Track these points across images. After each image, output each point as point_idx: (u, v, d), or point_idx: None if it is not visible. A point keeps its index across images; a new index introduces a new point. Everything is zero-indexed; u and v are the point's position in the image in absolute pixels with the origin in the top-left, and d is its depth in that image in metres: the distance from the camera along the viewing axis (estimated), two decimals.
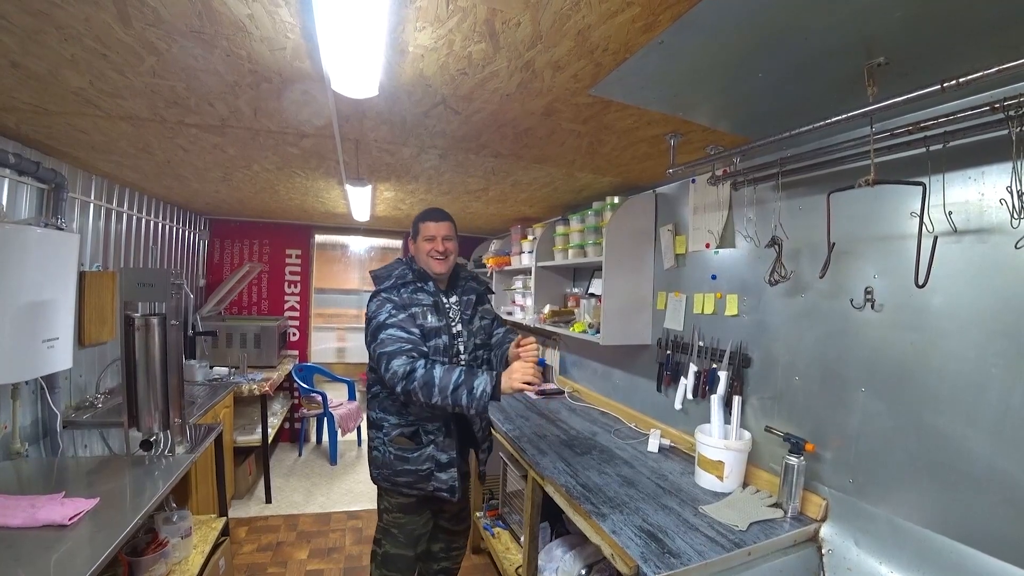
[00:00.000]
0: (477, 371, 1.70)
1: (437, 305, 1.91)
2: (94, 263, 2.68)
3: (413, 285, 1.91)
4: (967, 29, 1.03)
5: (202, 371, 3.50)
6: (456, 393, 1.65)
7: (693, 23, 1.06)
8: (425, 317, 1.86)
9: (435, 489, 1.86)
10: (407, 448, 1.85)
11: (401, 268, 1.93)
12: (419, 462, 1.85)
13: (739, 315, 2.04)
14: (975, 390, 1.28)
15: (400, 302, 1.85)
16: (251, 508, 3.58)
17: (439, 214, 1.97)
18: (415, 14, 1.07)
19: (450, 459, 1.86)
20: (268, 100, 1.59)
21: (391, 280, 1.89)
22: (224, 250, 4.71)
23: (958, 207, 1.32)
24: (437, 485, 1.86)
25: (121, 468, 1.92)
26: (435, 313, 1.89)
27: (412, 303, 1.86)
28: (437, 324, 1.87)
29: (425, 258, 1.93)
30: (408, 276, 1.91)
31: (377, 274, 1.94)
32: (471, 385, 1.65)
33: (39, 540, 1.40)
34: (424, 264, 1.95)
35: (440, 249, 1.92)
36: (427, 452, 1.85)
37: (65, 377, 2.36)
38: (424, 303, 1.89)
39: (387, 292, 1.87)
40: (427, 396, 1.66)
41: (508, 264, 3.95)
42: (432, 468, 1.85)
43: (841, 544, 1.58)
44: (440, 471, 1.85)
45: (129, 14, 1.10)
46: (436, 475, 1.85)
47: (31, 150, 2.15)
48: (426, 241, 1.93)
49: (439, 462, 1.85)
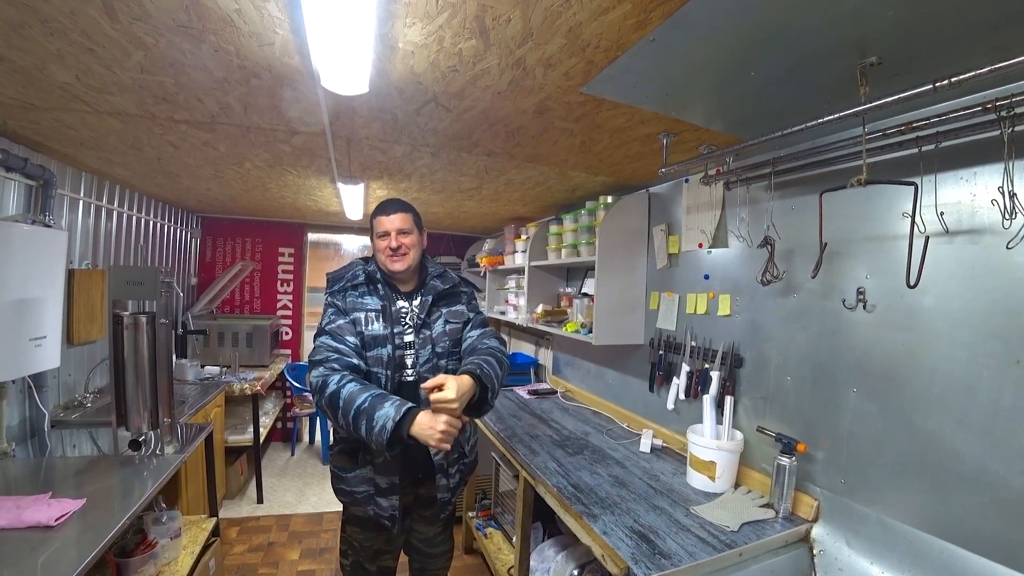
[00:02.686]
0: (389, 399, 1.46)
1: (385, 311, 1.71)
2: (83, 261, 2.65)
3: (364, 287, 1.76)
4: (960, 29, 1.02)
5: (193, 370, 3.48)
6: (356, 419, 1.45)
7: (685, 21, 1.05)
8: (369, 324, 1.69)
9: (376, 515, 1.68)
10: (343, 467, 1.72)
11: (355, 269, 1.79)
12: (355, 483, 1.69)
13: (731, 315, 2.04)
14: (966, 391, 1.28)
15: (343, 306, 1.71)
16: (242, 508, 3.56)
17: (393, 206, 1.75)
18: (404, 9, 1.06)
19: (391, 484, 1.66)
20: (258, 96, 1.57)
21: (341, 282, 1.76)
22: (216, 248, 4.67)
23: (950, 208, 1.32)
24: (378, 511, 1.67)
25: (109, 468, 1.90)
26: (381, 320, 1.70)
27: (356, 307, 1.71)
28: (381, 332, 1.68)
29: (381, 257, 1.75)
30: (360, 278, 1.75)
31: (330, 275, 1.81)
32: (372, 415, 1.43)
33: (24, 541, 1.38)
34: (381, 264, 1.76)
35: (394, 245, 1.71)
36: (362, 474, 1.68)
37: (53, 376, 2.34)
38: (370, 308, 1.71)
39: (333, 295, 1.75)
40: (334, 415, 1.51)
41: (501, 263, 3.94)
42: (371, 492, 1.67)
43: (832, 544, 1.58)
44: (380, 496, 1.66)
45: (115, 7, 1.08)
46: (376, 499, 1.67)
47: (19, 146, 2.12)
48: (379, 238, 1.74)
49: (378, 487, 1.66)
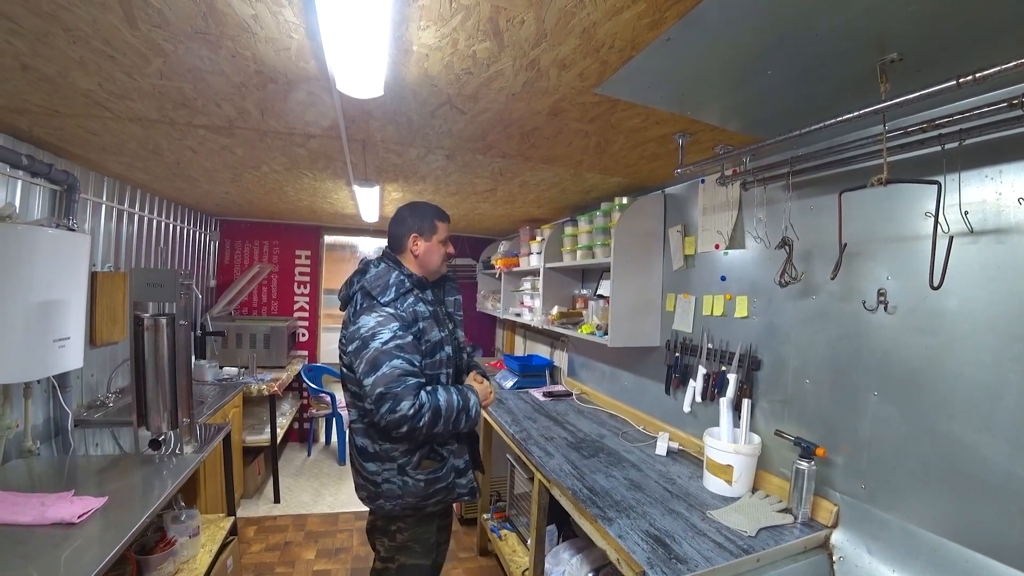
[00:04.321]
0: (464, 391, 1.71)
1: (436, 315, 1.75)
2: (106, 263, 2.71)
3: (413, 295, 1.71)
4: (982, 24, 1.00)
5: (212, 371, 3.53)
6: (458, 419, 1.65)
7: (700, 20, 1.04)
8: (431, 331, 1.70)
9: (458, 496, 1.80)
10: (435, 468, 1.73)
11: (396, 274, 1.70)
12: (447, 476, 1.75)
13: (749, 317, 2.02)
14: (991, 396, 1.25)
15: (408, 318, 1.65)
16: (259, 508, 3.61)
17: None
18: (418, 13, 1.07)
19: (466, 464, 1.82)
20: (275, 101, 1.59)
21: (391, 290, 1.66)
22: (234, 251, 4.74)
23: (974, 207, 1.28)
24: (460, 491, 1.80)
25: (130, 467, 1.94)
26: (436, 324, 1.74)
27: (417, 317, 1.68)
28: (439, 336, 1.73)
29: (437, 260, 1.80)
30: (406, 284, 1.71)
31: (373, 282, 1.68)
32: (468, 408, 1.67)
33: (48, 538, 1.41)
34: (429, 265, 1.79)
35: (452, 252, 1.87)
36: (449, 464, 1.76)
37: (77, 376, 2.39)
38: (427, 315, 1.71)
39: (391, 306, 1.64)
40: (433, 427, 1.60)
41: (516, 265, 3.94)
42: (453, 477, 1.78)
43: (853, 551, 1.54)
44: (460, 477, 1.79)
45: (135, 16, 1.11)
46: (457, 482, 1.78)
47: (44, 152, 2.18)
48: (441, 244, 1.81)
49: (458, 469, 1.79)
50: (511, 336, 5.04)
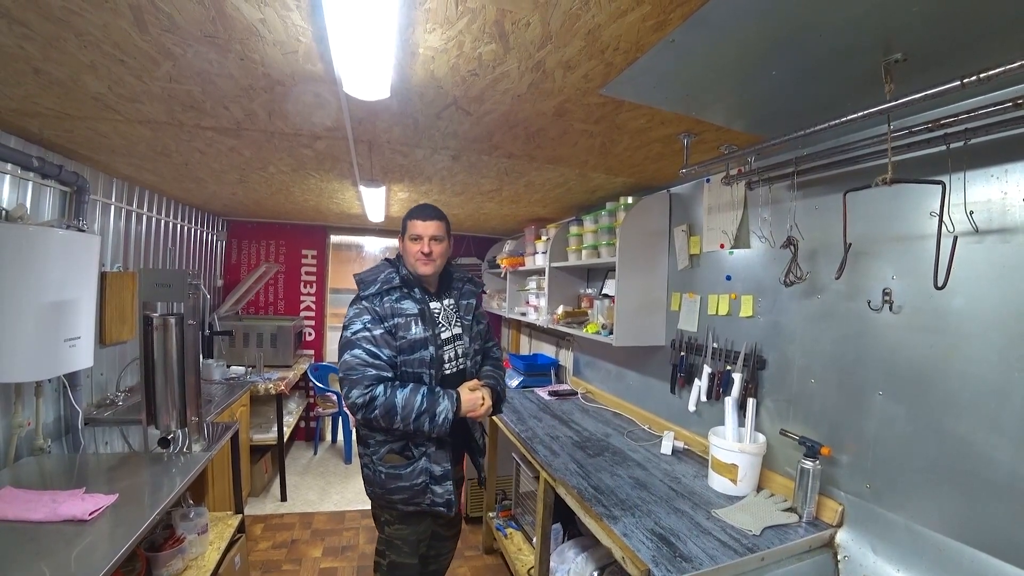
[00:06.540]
0: (439, 394, 1.68)
1: (423, 314, 1.77)
2: (115, 264, 2.74)
3: (399, 292, 1.78)
4: (988, 24, 1.00)
5: (219, 370, 3.56)
6: (418, 420, 1.63)
7: (704, 21, 1.05)
8: (409, 328, 1.73)
9: (431, 503, 1.75)
10: (398, 465, 1.74)
11: (388, 272, 1.79)
12: (412, 477, 1.73)
13: (754, 316, 2.02)
14: (998, 395, 1.25)
15: (381, 312, 1.72)
16: (266, 506, 3.63)
17: (428, 211, 1.81)
18: (424, 16, 1.08)
19: (444, 472, 1.75)
20: (282, 103, 1.61)
21: (376, 285, 1.75)
22: (241, 251, 4.78)
23: (980, 206, 1.28)
24: (433, 499, 1.75)
25: (140, 465, 1.96)
26: (421, 323, 1.75)
27: (395, 313, 1.73)
28: (422, 335, 1.74)
29: (411, 259, 1.80)
30: (395, 281, 1.77)
31: (362, 278, 1.80)
32: (433, 412, 1.64)
33: (60, 534, 1.43)
34: (410, 266, 1.81)
35: (426, 251, 1.77)
36: (420, 465, 1.73)
37: (87, 375, 2.42)
38: (409, 312, 1.75)
39: (369, 300, 1.73)
40: (388, 422, 1.63)
41: (522, 264, 3.94)
42: (427, 481, 1.74)
43: (858, 551, 1.55)
44: (435, 484, 1.75)
45: (145, 20, 1.12)
46: (432, 488, 1.74)
47: (54, 154, 2.21)
48: (412, 240, 1.79)
49: (433, 475, 1.74)
50: (516, 335, 5.05)
